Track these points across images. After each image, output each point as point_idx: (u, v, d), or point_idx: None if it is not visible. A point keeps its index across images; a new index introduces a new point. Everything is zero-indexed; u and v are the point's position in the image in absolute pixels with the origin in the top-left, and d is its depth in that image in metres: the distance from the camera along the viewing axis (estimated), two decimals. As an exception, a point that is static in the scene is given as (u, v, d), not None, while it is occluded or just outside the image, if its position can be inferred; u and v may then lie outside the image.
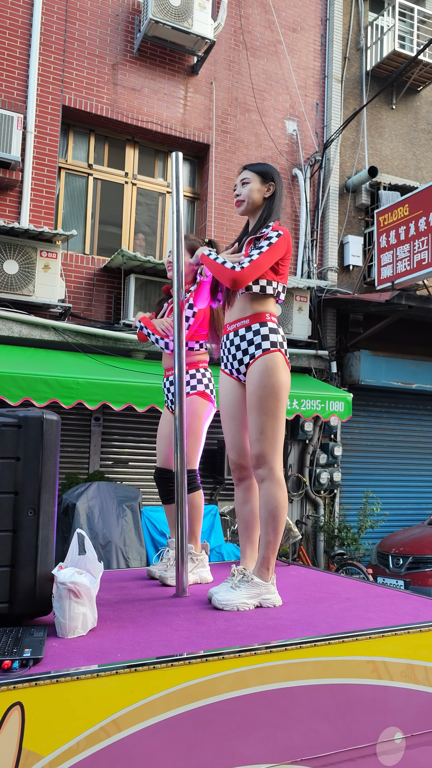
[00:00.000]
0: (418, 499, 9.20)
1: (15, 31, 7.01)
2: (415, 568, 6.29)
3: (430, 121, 9.62)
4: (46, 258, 6.48)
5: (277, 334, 2.54)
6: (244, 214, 2.70)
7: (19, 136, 6.58)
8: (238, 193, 2.67)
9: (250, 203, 2.65)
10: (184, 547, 2.55)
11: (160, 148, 8.06)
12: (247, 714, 1.70)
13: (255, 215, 2.68)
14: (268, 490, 2.45)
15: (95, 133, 7.71)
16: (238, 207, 2.69)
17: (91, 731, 1.51)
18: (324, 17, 8.93)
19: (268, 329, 2.52)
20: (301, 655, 1.81)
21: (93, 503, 5.58)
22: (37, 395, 5.52)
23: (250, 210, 2.67)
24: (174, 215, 2.70)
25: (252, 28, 8.38)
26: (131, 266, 6.98)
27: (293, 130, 8.54)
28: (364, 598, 2.54)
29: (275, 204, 2.65)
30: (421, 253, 7.27)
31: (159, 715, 1.59)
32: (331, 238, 8.56)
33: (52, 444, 2.04)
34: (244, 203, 2.66)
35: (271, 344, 2.50)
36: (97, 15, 7.46)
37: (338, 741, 1.83)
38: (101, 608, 2.28)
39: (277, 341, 2.52)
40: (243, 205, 2.67)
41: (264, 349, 2.50)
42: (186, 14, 7.32)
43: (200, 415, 3.03)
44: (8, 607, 1.95)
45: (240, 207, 2.68)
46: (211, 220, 7.91)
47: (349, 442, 8.68)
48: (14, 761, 1.43)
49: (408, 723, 1.95)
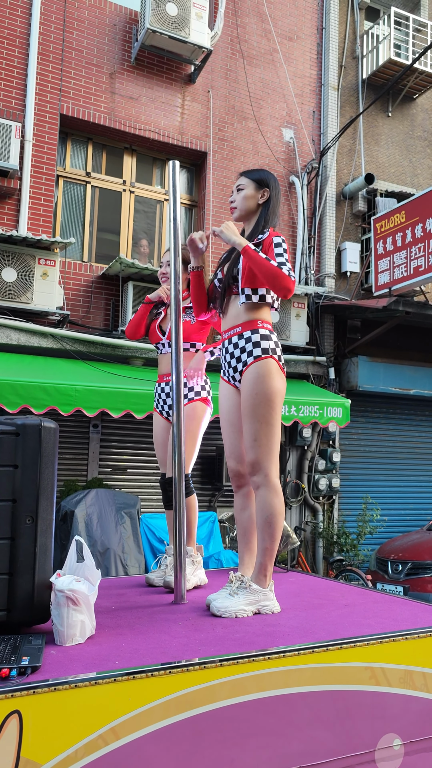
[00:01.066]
0: (416, 505, 9.20)
1: (13, 41, 7.06)
2: (414, 574, 6.28)
3: (426, 129, 9.68)
4: (45, 266, 6.49)
5: (270, 340, 2.54)
6: (239, 221, 2.71)
7: (18, 145, 6.61)
8: (232, 200, 2.69)
9: (243, 210, 2.66)
10: (182, 554, 2.55)
11: (158, 156, 8.10)
12: (245, 721, 1.70)
13: (250, 222, 2.69)
14: (264, 497, 2.46)
15: (93, 142, 7.75)
16: (231, 213, 2.70)
17: (89, 739, 1.51)
18: (320, 26, 8.99)
19: (260, 336, 2.53)
20: (299, 662, 1.81)
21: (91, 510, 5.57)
22: (36, 403, 5.52)
23: (243, 216, 2.69)
24: (171, 223, 2.71)
25: (249, 37, 8.44)
26: (129, 273, 7.00)
27: (290, 137, 8.59)
28: (363, 604, 2.54)
29: (270, 210, 2.65)
30: (417, 260, 7.31)
31: (157, 723, 1.59)
32: (329, 244, 8.59)
33: (50, 452, 2.04)
34: (237, 210, 2.68)
35: (263, 351, 2.51)
36: (94, 24, 7.52)
37: (337, 748, 1.82)
38: (99, 616, 2.28)
39: (269, 347, 2.52)
40: (237, 213, 2.68)
41: (256, 356, 2.51)
42: (183, 24, 7.37)
43: (200, 420, 3.07)
44: (6, 614, 1.95)
45: (234, 214, 2.69)
46: (208, 227, 7.94)
47: (348, 448, 8.68)
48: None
49: (407, 729, 1.95)
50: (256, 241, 2.57)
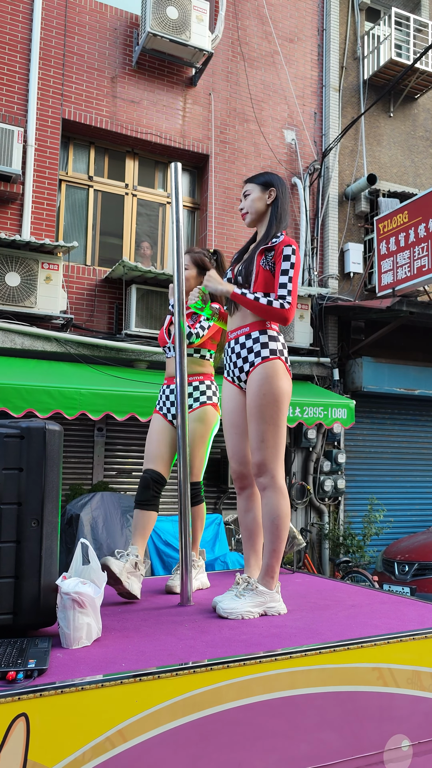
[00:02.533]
0: (423, 506, 9.16)
1: (15, 46, 7.09)
2: (421, 574, 6.25)
3: (428, 128, 9.67)
4: (48, 270, 6.51)
5: (277, 341, 2.54)
6: (252, 225, 2.71)
7: (20, 150, 6.63)
8: (242, 207, 2.70)
9: (254, 213, 2.66)
10: (188, 557, 2.55)
11: (160, 159, 8.11)
12: (252, 723, 1.69)
13: (262, 223, 2.68)
14: (270, 499, 2.45)
15: (95, 146, 7.77)
16: (244, 220, 2.70)
17: (96, 742, 1.50)
18: (321, 27, 9.00)
19: (268, 337, 2.53)
20: (306, 663, 1.80)
21: (97, 513, 5.57)
22: (41, 406, 5.53)
23: (256, 220, 2.68)
24: (174, 225, 2.71)
25: (249, 40, 8.45)
26: (132, 277, 7.01)
27: (292, 139, 8.59)
28: (370, 605, 2.53)
29: (280, 208, 2.65)
30: (421, 260, 7.29)
31: (164, 725, 1.58)
32: (332, 245, 8.59)
33: (55, 454, 2.04)
34: (248, 215, 2.67)
35: (270, 352, 2.51)
36: (95, 29, 7.54)
37: (345, 749, 1.81)
38: (106, 618, 2.28)
39: (277, 349, 2.52)
40: (248, 217, 2.68)
41: (263, 356, 2.51)
42: (184, 27, 7.39)
43: (210, 424, 3.03)
44: (12, 618, 1.95)
45: (246, 219, 2.69)
46: (211, 230, 7.95)
47: (353, 449, 8.66)
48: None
49: (415, 730, 1.94)
50: (270, 245, 2.56)
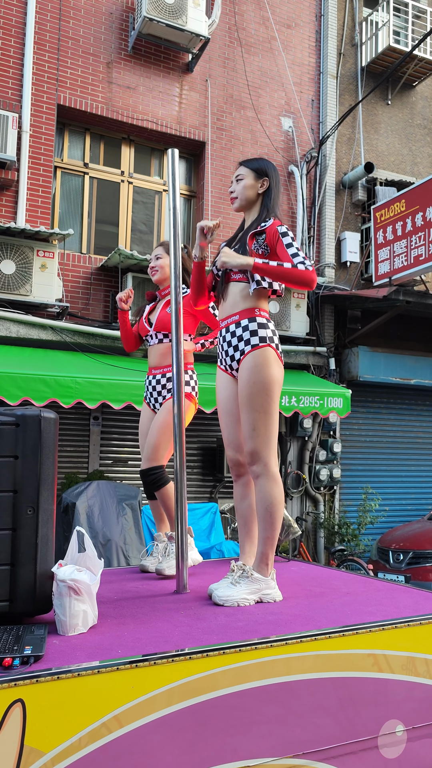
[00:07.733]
0: (417, 494, 9.21)
1: (9, 30, 7.00)
2: (415, 563, 6.29)
3: (426, 117, 9.62)
4: (43, 257, 6.47)
5: (267, 329, 2.53)
6: (239, 211, 2.69)
7: (15, 136, 6.57)
8: (232, 190, 2.68)
9: (244, 200, 2.65)
10: (184, 544, 2.55)
11: (156, 146, 8.05)
12: (248, 709, 1.71)
13: (251, 211, 2.68)
14: (263, 487, 2.46)
15: (91, 132, 7.70)
16: (232, 204, 2.69)
17: (92, 727, 1.51)
18: (318, 13, 8.91)
19: (257, 324, 2.52)
20: (301, 649, 1.81)
21: (93, 502, 5.58)
22: (36, 395, 5.52)
23: (244, 206, 2.67)
24: (171, 213, 2.69)
25: (246, 25, 8.37)
26: (128, 265, 6.98)
27: (289, 126, 8.53)
28: (365, 592, 2.55)
29: (272, 200, 2.64)
30: (418, 249, 7.28)
31: (160, 711, 1.59)
32: (328, 234, 8.55)
33: (50, 442, 2.04)
34: (238, 200, 2.66)
35: (260, 339, 2.50)
36: (91, 13, 7.45)
37: (340, 734, 1.83)
38: (102, 605, 2.28)
39: (267, 336, 2.51)
40: (237, 203, 2.67)
41: (253, 344, 2.50)
42: (180, 11, 7.31)
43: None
44: (9, 605, 1.95)
45: (234, 204, 2.68)
46: (207, 217, 7.90)
47: (348, 438, 8.69)
48: (16, 758, 1.43)
49: (409, 715, 1.96)
50: (259, 229, 2.55)
